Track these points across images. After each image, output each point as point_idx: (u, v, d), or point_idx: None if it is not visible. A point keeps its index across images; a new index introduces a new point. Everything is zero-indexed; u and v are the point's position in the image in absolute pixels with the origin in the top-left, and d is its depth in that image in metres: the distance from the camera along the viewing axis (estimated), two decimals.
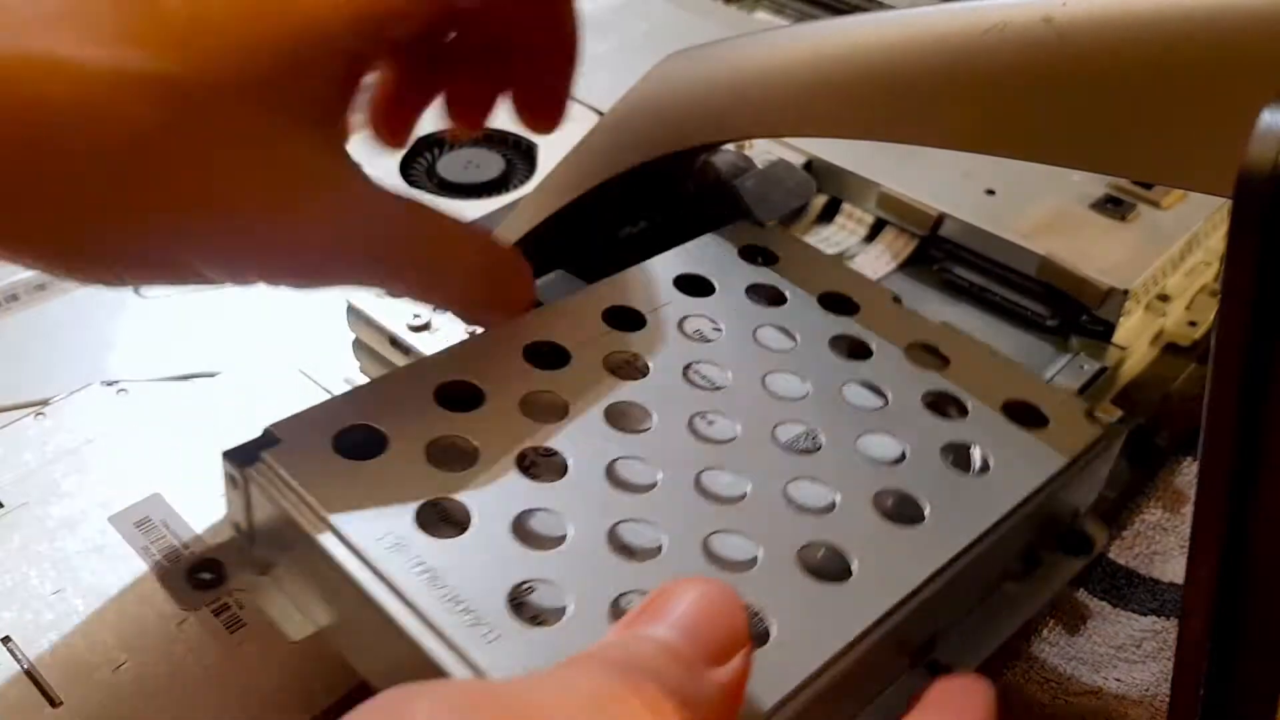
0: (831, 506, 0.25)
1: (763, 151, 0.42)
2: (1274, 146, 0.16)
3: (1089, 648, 0.30)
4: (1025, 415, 0.29)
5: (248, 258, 0.25)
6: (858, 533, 0.25)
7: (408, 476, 0.24)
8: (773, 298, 0.31)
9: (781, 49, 0.30)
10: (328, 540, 0.23)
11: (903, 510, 0.26)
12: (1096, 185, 0.41)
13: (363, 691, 0.26)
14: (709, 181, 0.39)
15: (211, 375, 0.35)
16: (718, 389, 0.28)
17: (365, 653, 0.24)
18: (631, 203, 0.37)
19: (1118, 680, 0.29)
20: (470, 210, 0.39)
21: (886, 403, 0.28)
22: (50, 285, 0.38)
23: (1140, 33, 0.23)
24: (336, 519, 0.23)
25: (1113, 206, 0.40)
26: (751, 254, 0.33)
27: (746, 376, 0.28)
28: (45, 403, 0.33)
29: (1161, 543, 0.33)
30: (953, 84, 0.26)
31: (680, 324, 0.30)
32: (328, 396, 0.34)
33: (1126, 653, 0.30)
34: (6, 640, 0.27)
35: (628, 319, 0.29)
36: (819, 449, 0.27)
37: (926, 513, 0.25)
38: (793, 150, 0.42)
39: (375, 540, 0.23)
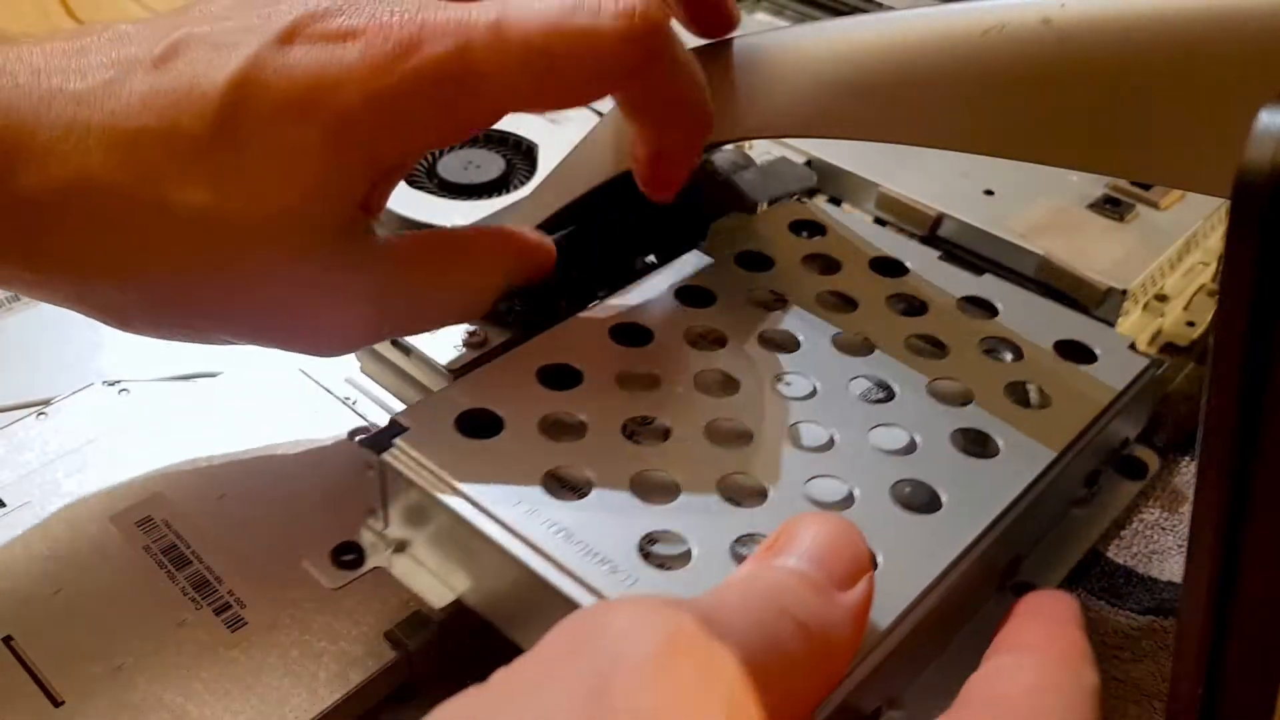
0: (913, 447, 0.28)
1: (762, 151, 0.42)
2: (1272, 146, 0.16)
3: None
4: (1075, 352, 0.31)
5: (271, 339, 0.29)
6: (942, 468, 0.27)
7: (527, 450, 0.26)
8: (827, 266, 0.34)
9: (780, 50, 0.30)
10: (469, 511, 0.25)
11: (977, 446, 0.28)
12: (1095, 185, 0.41)
13: (363, 692, 0.26)
14: (707, 179, 0.39)
15: (213, 375, 0.35)
16: (791, 352, 0.30)
17: (509, 609, 0.26)
18: (631, 202, 0.37)
19: (1116, 679, 0.29)
20: (470, 210, 0.39)
21: (947, 352, 0.31)
22: None
23: (1139, 33, 0.23)
24: (474, 491, 0.25)
25: (1111, 207, 0.40)
26: (799, 229, 0.36)
27: (815, 338, 0.31)
28: (47, 402, 0.33)
29: (1159, 542, 0.33)
30: (952, 85, 0.26)
31: (747, 296, 0.32)
32: (328, 395, 0.34)
33: (1125, 651, 0.30)
34: (7, 640, 0.27)
35: (698, 296, 0.32)
36: (893, 398, 0.29)
37: (1000, 446, 0.28)
38: (792, 150, 0.42)
39: (512, 507, 0.25)
